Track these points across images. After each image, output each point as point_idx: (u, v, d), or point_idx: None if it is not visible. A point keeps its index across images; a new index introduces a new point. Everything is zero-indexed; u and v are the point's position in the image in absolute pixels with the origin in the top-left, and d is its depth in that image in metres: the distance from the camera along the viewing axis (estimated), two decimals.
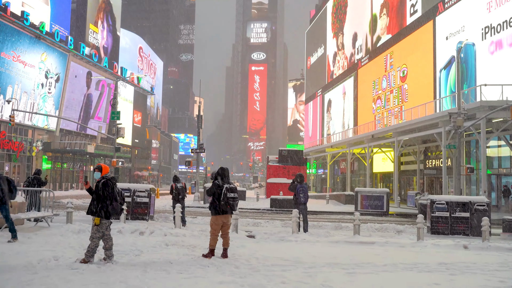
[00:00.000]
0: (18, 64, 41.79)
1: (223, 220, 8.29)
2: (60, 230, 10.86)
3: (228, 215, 8.33)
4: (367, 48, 51.46)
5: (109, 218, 7.47)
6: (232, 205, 8.21)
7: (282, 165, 36.15)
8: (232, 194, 8.22)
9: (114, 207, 7.39)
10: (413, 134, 33.40)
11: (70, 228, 11.08)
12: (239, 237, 10.86)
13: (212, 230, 8.31)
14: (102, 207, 7.33)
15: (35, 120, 46.27)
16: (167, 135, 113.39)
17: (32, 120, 45.78)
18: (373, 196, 24.88)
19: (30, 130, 46.39)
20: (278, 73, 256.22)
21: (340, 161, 57.19)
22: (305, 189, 12.56)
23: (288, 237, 10.86)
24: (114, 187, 7.50)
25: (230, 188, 8.24)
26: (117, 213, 7.55)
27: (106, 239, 7.46)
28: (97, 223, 7.32)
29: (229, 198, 8.21)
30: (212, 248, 8.26)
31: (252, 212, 23.94)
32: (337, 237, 11.47)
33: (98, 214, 7.35)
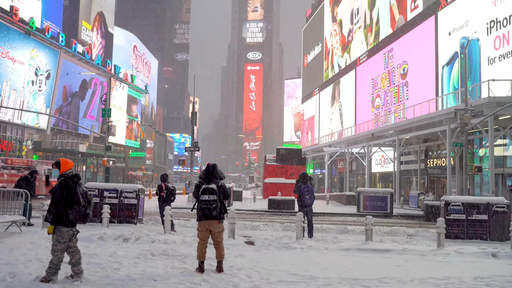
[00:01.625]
0: (7, 60, 40.44)
1: (206, 226, 7.04)
2: (33, 237, 9.58)
3: (212, 221, 6.99)
4: (366, 45, 50.32)
5: (71, 226, 6.11)
6: (205, 209, 6.88)
7: (280, 164, 34.85)
8: (206, 196, 6.87)
9: (76, 211, 6.02)
10: (415, 132, 32.26)
11: (44, 235, 9.80)
12: (237, 244, 9.60)
13: (198, 237, 7.12)
14: (59, 212, 6.00)
15: (25, 118, 44.94)
16: (162, 134, 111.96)
17: (22, 118, 44.44)
18: (376, 197, 23.68)
19: (20, 129, 45.05)
20: (274, 73, 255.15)
21: (337, 160, 56.00)
22: (311, 189, 11.30)
23: (293, 243, 9.62)
24: (77, 187, 6.14)
25: (205, 190, 6.93)
26: (82, 220, 6.13)
27: (71, 252, 6.14)
28: (50, 232, 6.01)
29: (202, 201, 6.94)
30: (199, 260, 7.02)
31: (249, 213, 22.71)
32: (346, 243, 10.24)
33: (54, 221, 6.02)
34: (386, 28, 44.80)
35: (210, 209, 6.90)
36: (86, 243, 8.90)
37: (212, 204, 6.87)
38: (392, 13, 43.63)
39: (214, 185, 6.99)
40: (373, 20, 48.41)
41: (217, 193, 6.91)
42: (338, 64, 60.30)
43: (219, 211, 6.97)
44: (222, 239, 7.18)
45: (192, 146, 26.97)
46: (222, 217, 7.12)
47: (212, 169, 7.16)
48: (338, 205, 28.73)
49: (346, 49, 57.28)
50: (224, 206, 7.12)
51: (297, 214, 10.07)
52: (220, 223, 7.07)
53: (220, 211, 7.01)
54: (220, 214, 7.02)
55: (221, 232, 7.15)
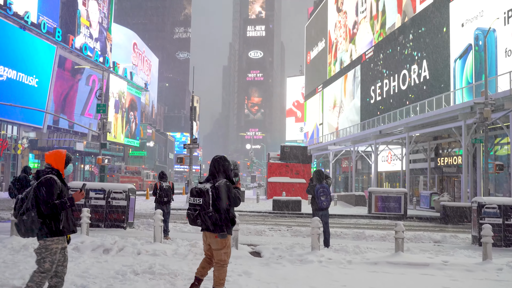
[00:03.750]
0: None
1: (204, 237, 5.42)
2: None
3: (208, 233, 5.26)
4: (371, 41, 48.64)
5: (61, 235, 4.76)
6: (189, 215, 5.23)
7: (284, 162, 33.11)
8: (192, 199, 5.20)
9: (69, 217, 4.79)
10: (427, 129, 30.57)
11: (11, 244, 8.19)
12: (241, 256, 7.94)
13: None
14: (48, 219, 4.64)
15: (21, 116, 43.36)
16: (162, 133, 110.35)
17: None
18: (389, 197, 22.02)
19: (16, 127, 43.52)
20: (276, 72, 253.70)
21: (342, 159, 54.34)
22: (327, 190, 9.61)
23: (308, 255, 7.97)
24: (64, 187, 4.81)
25: (192, 190, 5.26)
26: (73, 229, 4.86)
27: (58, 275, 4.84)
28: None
29: (189, 205, 5.27)
30: (195, 275, 5.42)
31: (252, 215, 21.08)
32: (371, 254, 8.59)
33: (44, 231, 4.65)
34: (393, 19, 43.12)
35: (193, 216, 5.20)
36: None
37: (196, 210, 5.15)
38: (400, 3, 41.98)
39: (210, 184, 5.20)
40: (379, 9, 46.71)
41: (208, 196, 5.09)
42: (343, 59, 58.61)
43: (214, 221, 5.11)
44: (225, 261, 5.30)
45: (191, 143, 25.33)
46: (222, 231, 5.16)
47: (215, 162, 5.40)
48: (347, 206, 27.07)
49: (351, 41, 55.57)
50: (227, 216, 5.20)
51: (313, 220, 8.40)
52: (218, 238, 5.18)
53: (216, 222, 5.11)
54: (216, 225, 5.13)
55: (220, 250, 5.25)
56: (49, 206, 4.54)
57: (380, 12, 46.46)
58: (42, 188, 4.59)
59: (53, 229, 4.58)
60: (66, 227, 4.67)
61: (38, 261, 4.60)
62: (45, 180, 4.64)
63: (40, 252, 4.60)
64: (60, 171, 4.81)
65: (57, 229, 4.61)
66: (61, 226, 4.61)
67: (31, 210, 4.53)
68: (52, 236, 4.59)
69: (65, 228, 4.66)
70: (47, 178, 4.66)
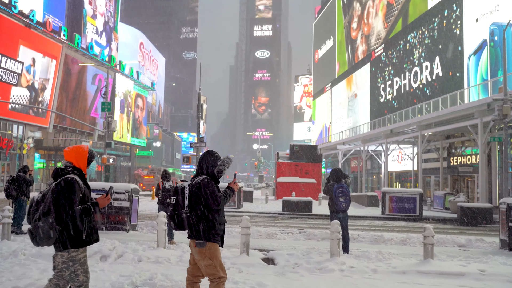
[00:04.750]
0: None
1: (191, 246, 4.58)
2: None
3: (191, 240, 4.47)
4: (382, 37, 47.71)
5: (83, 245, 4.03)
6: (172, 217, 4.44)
7: (294, 162, 32.26)
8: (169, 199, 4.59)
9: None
10: (440, 127, 29.67)
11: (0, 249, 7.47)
12: (253, 264, 7.14)
13: None
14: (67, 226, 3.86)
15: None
16: (169, 133, 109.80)
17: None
18: (403, 198, 21.13)
19: (21, 126, 43.00)
20: (283, 71, 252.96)
21: (351, 159, 53.44)
22: (346, 190, 8.79)
23: (327, 262, 7.18)
24: (87, 189, 4.08)
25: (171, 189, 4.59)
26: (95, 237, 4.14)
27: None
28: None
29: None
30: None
31: (261, 217, 20.29)
32: (396, 261, 7.77)
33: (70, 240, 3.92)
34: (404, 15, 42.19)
35: (172, 217, 4.46)
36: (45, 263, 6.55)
37: (175, 211, 4.43)
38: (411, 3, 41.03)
39: (187, 182, 4.49)
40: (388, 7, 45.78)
41: (182, 195, 4.40)
42: (352, 57, 57.68)
43: (190, 225, 4.34)
44: (214, 274, 4.39)
45: (198, 142, 24.60)
46: (200, 238, 4.34)
47: (200, 157, 4.67)
48: (358, 206, 26.21)
49: (360, 38, 54.63)
50: (209, 220, 4.36)
51: (332, 223, 7.59)
52: (198, 248, 4.36)
53: (193, 225, 4.33)
54: (193, 230, 4.35)
55: (201, 262, 4.39)
56: (70, 212, 3.78)
57: (390, 8, 45.54)
58: (62, 192, 3.82)
59: (75, 239, 3.84)
60: (89, 236, 3.96)
61: (69, 276, 3.87)
62: (65, 182, 3.86)
63: (68, 266, 3.85)
64: (83, 170, 4.06)
65: (79, 238, 3.87)
66: (84, 235, 3.88)
67: (48, 215, 3.78)
68: (74, 247, 3.86)
69: (88, 237, 3.94)
70: (67, 179, 3.88)
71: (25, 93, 41.30)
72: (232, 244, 10.14)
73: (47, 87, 45.02)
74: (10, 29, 38.55)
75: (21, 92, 40.46)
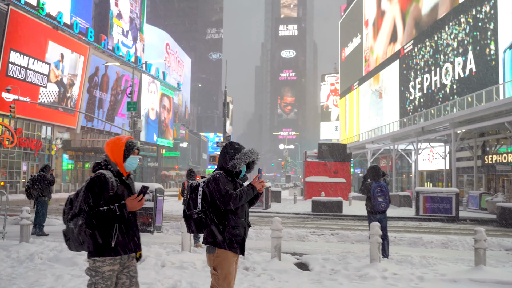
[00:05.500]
0: None
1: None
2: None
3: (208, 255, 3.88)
4: (411, 33, 46.45)
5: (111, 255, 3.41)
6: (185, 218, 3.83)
7: (322, 161, 31.46)
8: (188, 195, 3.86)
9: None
10: (475, 124, 28.44)
11: (17, 253, 7.07)
12: (285, 270, 6.53)
13: None
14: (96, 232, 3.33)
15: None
16: (195, 134, 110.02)
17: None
18: (438, 198, 20.20)
19: (49, 127, 43.38)
20: (309, 71, 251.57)
21: (379, 158, 52.25)
22: (385, 189, 8.09)
23: (367, 268, 6.53)
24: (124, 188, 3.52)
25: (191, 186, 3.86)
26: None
27: None
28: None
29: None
30: None
31: (290, 217, 19.66)
32: (443, 267, 7.06)
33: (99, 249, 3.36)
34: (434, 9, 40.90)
35: (185, 218, 3.85)
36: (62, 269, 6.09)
37: (187, 211, 3.82)
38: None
39: (205, 179, 3.89)
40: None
41: (196, 193, 3.81)
42: (380, 54, 56.44)
43: (200, 227, 3.75)
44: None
45: (224, 141, 24.11)
46: (208, 242, 3.80)
47: (222, 148, 4.07)
48: (391, 206, 25.28)
49: (388, 35, 53.38)
50: (218, 223, 3.76)
51: (372, 225, 6.92)
52: (210, 254, 3.80)
53: (202, 228, 3.76)
54: (205, 233, 3.79)
55: (211, 272, 3.83)
56: (91, 214, 3.25)
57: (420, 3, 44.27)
58: (86, 189, 3.32)
59: (101, 246, 3.30)
60: (121, 245, 3.35)
61: (89, 286, 3.34)
62: (91, 178, 3.36)
63: (90, 274, 3.33)
64: (118, 165, 3.48)
65: (107, 246, 3.30)
66: (113, 242, 3.30)
67: (78, 216, 3.29)
68: (100, 256, 3.31)
69: (119, 245, 3.34)
70: (95, 175, 3.37)
71: (54, 89, 41.68)
72: (262, 247, 9.57)
73: (75, 82, 45.36)
74: (38, 31, 38.89)
75: (50, 88, 40.84)
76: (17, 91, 32.47)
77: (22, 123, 38.50)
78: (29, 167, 39.77)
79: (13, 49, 35.43)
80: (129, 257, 3.46)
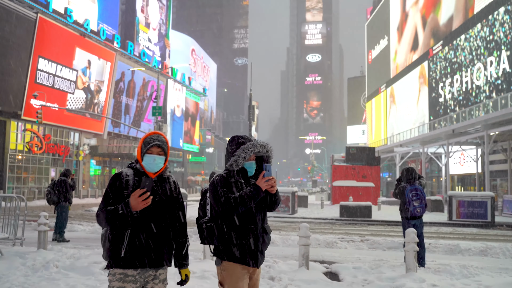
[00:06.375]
0: None
1: None
2: (12, 264, 6.59)
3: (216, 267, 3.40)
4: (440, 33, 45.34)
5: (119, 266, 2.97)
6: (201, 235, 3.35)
7: (350, 165, 30.76)
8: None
9: None
10: (509, 126, 27.40)
11: (33, 260, 6.79)
12: (314, 280, 6.05)
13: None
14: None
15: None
16: (221, 139, 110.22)
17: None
18: (473, 202, 19.38)
19: (77, 133, 43.85)
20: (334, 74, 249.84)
21: (408, 162, 51.12)
22: (421, 193, 7.53)
23: (403, 279, 6.01)
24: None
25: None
26: None
27: None
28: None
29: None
30: None
31: (318, 223, 19.12)
32: (486, 278, 6.49)
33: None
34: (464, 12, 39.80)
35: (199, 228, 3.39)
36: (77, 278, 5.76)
37: (198, 220, 3.41)
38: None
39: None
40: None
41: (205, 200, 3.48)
42: (408, 56, 55.32)
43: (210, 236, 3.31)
44: None
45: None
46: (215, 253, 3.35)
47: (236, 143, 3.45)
48: None
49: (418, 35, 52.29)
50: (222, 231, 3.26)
51: (407, 232, 6.39)
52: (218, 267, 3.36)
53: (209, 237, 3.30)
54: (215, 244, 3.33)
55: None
56: (98, 216, 2.91)
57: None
58: (107, 187, 3.00)
59: (111, 256, 2.90)
60: (129, 255, 2.88)
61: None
62: (110, 178, 3.02)
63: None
64: (140, 162, 3.06)
65: (115, 255, 2.89)
66: (123, 251, 2.86)
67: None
68: (109, 267, 2.91)
69: (128, 254, 2.87)
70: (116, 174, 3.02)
71: (81, 95, 42.07)
72: (289, 254, 9.11)
73: (102, 89, 45.76)
74: (66, 38, 39.35)
75: (77, 95, 41.25)
76: (44, 97, 32.82)
77: (51, 129, 38.99)
78: (57, 173, 40.17)
79: (41, 56, 35.89)
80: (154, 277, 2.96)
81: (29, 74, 34.60)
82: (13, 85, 34.14)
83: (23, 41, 34.76)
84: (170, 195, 3.09)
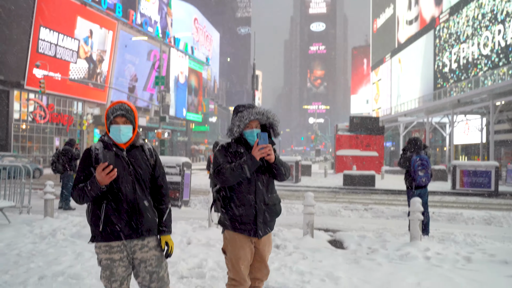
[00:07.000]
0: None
1: None
2: (20, 231, 6.66)
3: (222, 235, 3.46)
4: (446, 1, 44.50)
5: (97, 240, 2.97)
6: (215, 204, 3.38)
7: (354, 134, 30.68)
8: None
9: None
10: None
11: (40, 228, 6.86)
12: (319, 249, 6.09)
13: None
14: None
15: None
16: (225, 108, 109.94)
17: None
18: (476, 172, 19.37)
19: (80, 103, 43.80)
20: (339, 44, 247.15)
21: (412, 132, 50.98)
22: (427, 162, 7.50)
23: (408, 247, 6.04)
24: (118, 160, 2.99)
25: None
26: None
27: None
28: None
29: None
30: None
31: (321, 191, 19.19)
32: (490, 246, 6.51)
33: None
34: None
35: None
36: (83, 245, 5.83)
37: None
38: None
39: None
40: None
41: None
42: (414, 25, 54.49)
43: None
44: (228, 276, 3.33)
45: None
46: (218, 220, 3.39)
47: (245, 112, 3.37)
48: None
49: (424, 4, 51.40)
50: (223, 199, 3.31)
51: (412, 201, 6.39)
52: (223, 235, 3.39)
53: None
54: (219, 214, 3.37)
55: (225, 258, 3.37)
56: (72, 194, 2.90)
57: None
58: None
59: (94, 229, 2.89)
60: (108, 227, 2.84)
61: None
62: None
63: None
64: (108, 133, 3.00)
65: (94, 229, 2.88)
66: (101, 225, 2.84)
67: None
68: (92, 241, 2.91)
69: (106, 227, 2.83)
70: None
71: (84, 65, 41.83)
72: (293, 223, 9.17)
73: (104, 58, 45.46)
74: (67, 7, 38.84)
75: (79, 64, 41.01)
76: (46, 67, 32.61)
77: (54, 99, 38.94)
78: (61, 142, 40.30)
79: (43, 26, 35.51)
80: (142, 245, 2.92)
81: (30, 44, 34.32)
82: (16, 55, 33.92)
83: (24, 10, 34.35)
84: (145, 163, 3.02)
